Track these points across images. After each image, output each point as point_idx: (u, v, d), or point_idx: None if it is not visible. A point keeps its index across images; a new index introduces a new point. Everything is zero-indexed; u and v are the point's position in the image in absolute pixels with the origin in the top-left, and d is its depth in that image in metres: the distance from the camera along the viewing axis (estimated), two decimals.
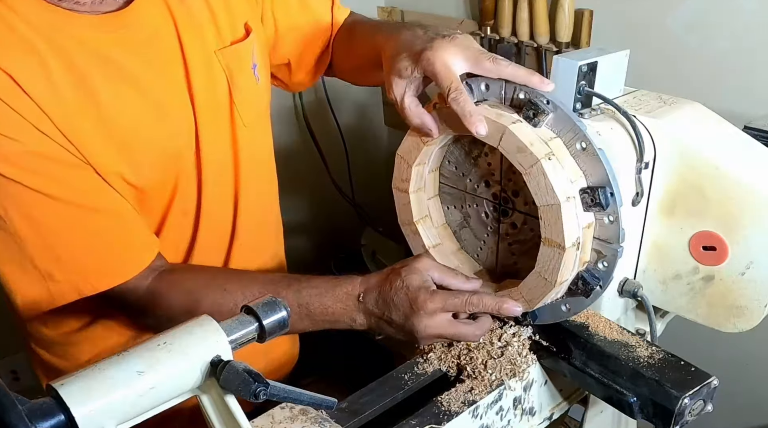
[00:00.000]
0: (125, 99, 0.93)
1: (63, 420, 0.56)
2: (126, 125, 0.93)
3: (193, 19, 1.01)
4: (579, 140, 0.80)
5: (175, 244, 1.07)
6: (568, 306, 0.88)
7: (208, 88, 1.03)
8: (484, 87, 0.85)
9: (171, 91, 0.99)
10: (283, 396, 0.64)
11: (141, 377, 0.60)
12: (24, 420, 0.53)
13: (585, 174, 0.81)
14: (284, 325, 0.67)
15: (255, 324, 0.66)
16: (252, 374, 0.61)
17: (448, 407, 0.86)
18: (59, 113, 0.86)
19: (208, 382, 0.64)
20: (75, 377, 0.59)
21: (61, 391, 0.57)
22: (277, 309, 0.67)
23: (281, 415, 0.82)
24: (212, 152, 1.05)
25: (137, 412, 0.61)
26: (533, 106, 0.80)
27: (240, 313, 0.67)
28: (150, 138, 0.96)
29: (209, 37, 1.03)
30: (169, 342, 0.62)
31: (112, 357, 0.61)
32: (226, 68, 1.04)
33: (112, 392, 0.59)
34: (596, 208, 0.80)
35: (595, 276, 0.84)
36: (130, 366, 0.60)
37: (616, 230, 0.81)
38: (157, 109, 0.97)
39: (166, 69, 0.98)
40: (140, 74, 0.95)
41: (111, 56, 0.92)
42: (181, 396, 0.64)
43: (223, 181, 1.09)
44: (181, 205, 1.04)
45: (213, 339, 0.63)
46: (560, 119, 0.80)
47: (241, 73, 1.07)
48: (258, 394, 0.61)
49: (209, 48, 1.02)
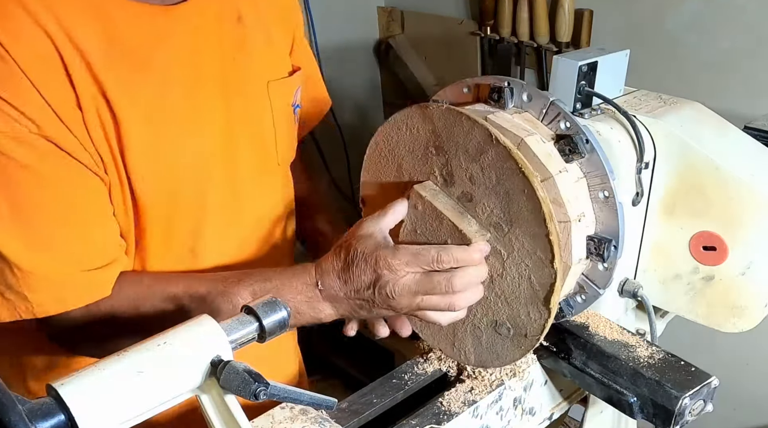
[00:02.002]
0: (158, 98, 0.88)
1: (63, 420, 0.56)
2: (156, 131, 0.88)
3: (246, 43, 0.96)
4: (605, 189, 0.79)
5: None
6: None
7: (250, 118, 0.98)
8: (526, 97, 0.82)
9: (204, 106, 0.93)
10: (283, 396, 0.63)
11: (141, 377, 0.60)
12: (24, 420, 0.53)
13: (597, 220, 0.81)
14: (284, 325, 0.67)
15: (255, 324, 0.66)
16: (252, 374, 0.61)
17: (448, 407, 0.86)
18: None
19: (208, 382, 0.63)
20: (75, 377, 0.58)
21: (61, 391, 0.57)
22: (277, 309, 0.67)
23: (281, 415, 0.82)
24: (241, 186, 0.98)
25: (137, 412, 0.61)
26: (572, 143, 0.78)
27: (240, 313, 0.67)
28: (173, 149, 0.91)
29: (263, 65, 0.99)
30: (169, 342, 0.62)
31: (111, 357, 0.60)
32: (271, 101, 1.00)
33: (112, 392, 0.58)
34: (597, 258, 0.80)
35: (570, 306, 0.87)
36: (130, 366, 0.60)
37: (607, 277, 0.82)
38: (187, 122, 0.91)
39: (206, 86, 0.93)
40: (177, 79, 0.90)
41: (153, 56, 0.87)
42: (181, 396, 0.63)
43: (233, 223, 1.00)
44: (187, 239, 0.97)
45: (213, 339, 0.63)
46: (593, 162, 0.79)
47: (283, 110, 1.03)
48: (258, 394, 0.61)
49: (262, 77, 0.99)
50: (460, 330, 0.85)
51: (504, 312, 0.80)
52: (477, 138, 0.76)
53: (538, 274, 0.75)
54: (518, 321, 0.79)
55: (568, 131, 0.79)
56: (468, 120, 0.76)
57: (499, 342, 0.82)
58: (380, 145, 0.87)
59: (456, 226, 0.78)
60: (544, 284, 0.75)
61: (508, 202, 0.75)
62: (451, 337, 0.86)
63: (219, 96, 0.94)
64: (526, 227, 0.74)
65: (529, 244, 0.74)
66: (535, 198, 0.72)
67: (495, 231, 0.77)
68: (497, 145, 0.74)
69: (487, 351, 0.83)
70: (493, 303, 0.80)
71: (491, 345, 0.83)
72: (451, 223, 0.78)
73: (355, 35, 2.49)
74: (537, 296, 0.76)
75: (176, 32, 0.89)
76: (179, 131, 0.90)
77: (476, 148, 0.76)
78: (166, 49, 0.88)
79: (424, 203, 0.81)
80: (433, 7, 2.30)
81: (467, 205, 0.79)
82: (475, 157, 0.77)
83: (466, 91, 0.88)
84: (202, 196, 0.95)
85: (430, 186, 0.82)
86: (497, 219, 0.77)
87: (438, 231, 0.80)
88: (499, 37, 2.07)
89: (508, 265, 0.77)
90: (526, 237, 0.75)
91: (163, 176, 0.90)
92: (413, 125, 0.82)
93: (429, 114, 0.80)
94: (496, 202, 0.76)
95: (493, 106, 0.83)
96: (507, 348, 0.81)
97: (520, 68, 2.08)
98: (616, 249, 0.79)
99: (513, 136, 0.78)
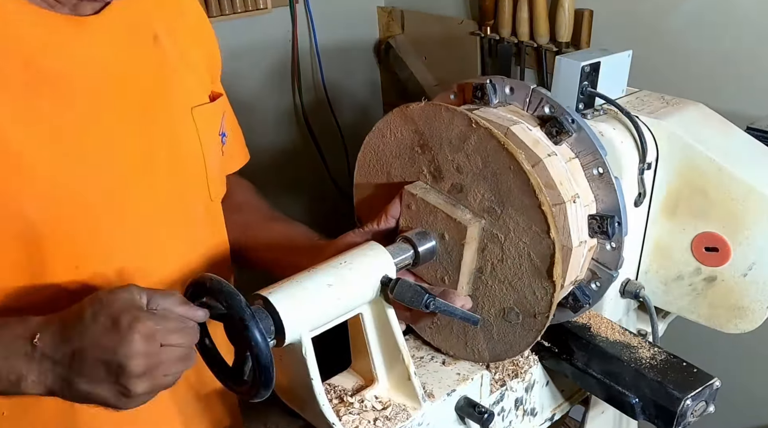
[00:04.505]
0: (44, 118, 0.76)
1: (270, 323, 0.67)
2: (35, 157, 0.75)
3: (165, 66, 0.87)
4: (597, 166, 0.79)
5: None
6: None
7: (175, 148, 0.87)
8: (508, 90, 0.84)
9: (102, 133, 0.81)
10: (443, 309, 0.75)
11: (330, 289, 0.71)
12: (253, 317, 0.63)
13: (596, 199, 0.81)
14: (434, 252, 0.80)
15: (411, 251, 0.79)
16: (423, 288, 0.73)
17: None
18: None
19: (377, 297, 0.75)
20: (279, 287, 0.69)
21: (271, 298, 0.67)
22: (429, 239, 0.80)
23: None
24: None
25: (325, 320, 0.72)
26: (558, 124, 0.79)
27: (398, 242, 0.80)
28: (56, 174, 0.78)
29: (184, 89, 0.89)
30: (349, 262, 0.74)
31: (303, 272, 0.72)
32: (198, 128, 0.90)
33: (308, 300, 0.69)
34: (602, 235, 0.80)
35: (586, 295, 0.85)
36: (322, 279, 0.71)
37: (616, 257, 0.82)
38: (76, 148, 0.79)
39: (120, 109, 0.82)
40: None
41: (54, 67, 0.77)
42: (356, 309, 0.75)
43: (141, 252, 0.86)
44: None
45: (383, 260, 0.76)
46: (582, 141, 0.80)
47: (211, 139, 0.93)
48: (428, 304, 0.72)
49: (185, 102, 0.89)
50: (471, 329, 0.85)
51: (510, 297, 0.80)
52: (458, 126, 0.77)
53: (536, 249, 0.75)
54: (525, 302, 0.79)
55: (553, 113, 0.80)
56: (447, 110, 0.78)
57: (510, 331, 0.81)
58: (368, 158, 0.88)
59: (450, 217, 0.79)
60: (545, 256, 0.75)
61: (497, 183, 0.76)
62: (463, 338, 0.86)
63: (136, 121, 0.84)
64: (517, 204, 0.75)
65: (523, 220, 0.75)
66: (522, 172, 0.73)
67: (489, 216, 0.78)
68: (477, 128, 0.75)
69: (500, 343, 0.83)
70: (498, 291, 0.80)
71: (503, 336, 0.82)
72: (445, 215, 0.79)
73: (355, 35, 2.49)
74: (539, 271, 0.76)
75: (84, 45, 0.79)
76: (83, 158, 0.79)
77: (459, 137, 0.77)
78: (72, 63, 0.78)
79: (416, 201, 0.81)
80: (433, 7, 2.30)
81: (458, 195, 0.80)
82: (459, 146, 0.78)
83: (453, 97, 0.89)
84: (106, 236, 0.82)
85: (421, 185, 0.83)
86: (489, 203, 0.77)
87: (434, 225, 0.81)
88: (499, 37, 2.07)
89: (507, 247, 0.78)
90: (519, 214, 0.75)
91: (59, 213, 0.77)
92: (396, 129, 0.84)
93: (409, 114, 0.81)
94: (485, 186, 0.77)
95: (478, 103, 0.85)
96: (519, 335, 0.81)
97: (520, 68, 2.08)
98: (620, 225, 0.79)
99: (498, 127, 0.78)
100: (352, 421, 0.77)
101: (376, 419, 0.78)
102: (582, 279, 0.85)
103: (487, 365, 0.88)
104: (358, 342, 0.80)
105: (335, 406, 0.79)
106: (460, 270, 0.80)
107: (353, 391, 0.82)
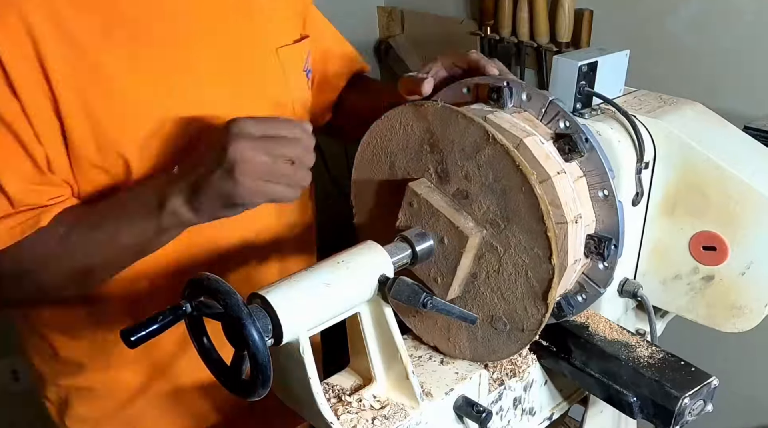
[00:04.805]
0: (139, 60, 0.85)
1: (268, 323, 0.67)
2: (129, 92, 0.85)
3: (251, 8, 0.94)
4: (604, 188, 0.79)
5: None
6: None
7: (261, 85, 0.95)
8: (525, 97, 0.82)
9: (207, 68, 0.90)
10: (441, 308, 0.74)
11: (328, 288, 0.71)
12: (250, 317, 0.63)
13: (597, 219, 0.80)
14: (431, 253, 0.79)
15: (409, 251, 0.78)
16: (420, 286, 0.72)
17: None
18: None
19: (375, 297, 0.75)
20: (276, 286, 0.69)
21: (269, 297, 0.67)
22: (427, 240, 0.79)
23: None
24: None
25: (323, 319, 0.72)
26: (571, 142, 0.78)
27: (395, 241, 0.79)
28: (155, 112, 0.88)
29: (270, 30, 0.96)
30: (346, 261, 0.73)
31: (301, 272, 0.72)
32: (284, 68, 0.98)
33: (305, 299, 0.70)
34: (597, 256, 0.80)
35: (571, 305, 0.86)
36: (319, 279, 0.71)
37: (607, 276, 0.82)
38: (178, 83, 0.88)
39: (207, 47, 0.90)
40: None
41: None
42: (353, 308, 0.75)
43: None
44: None
45: (380, 259, 0.75)
46: (593, 161, 0.79)
47: (296, 77, 1.01)
48: (426, 303, 0.71)
49: (271, 43, 0.96)
50: (455, 326, 0.85)
51: (500, 307, 0.80)
52: (473, 136, 0.76)
53: (535, 270, 0.75)
54: (515, 316, 0.79)
55: (568, 130, 0.79)
56: (464, 118, 0.76)
57: (495, 337, 0.82)
58: (372, 143, 0.87)
59: (452, 223, 0.78)
60: (542, 280, 0.75)
61: (505, 200, 0.75)
62: (446, 333, 0.86)
63: (224, 62, 0.91)
64: (523, 224, 0.74)
65: (526, 241, 0.75)
66: (533, 195, 0.72)
67: (491, 227, 0.77)
68: (494, 143, 0.74)
69: (482, 347, 0.83)
70: (489, 298, 0.80)
71: (487, 341, 0.83)
72: (447, 219, 0.79)
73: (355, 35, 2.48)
74: (534, 292, 0.76)
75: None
76: (178, 99, 0.88)
77: (472, 146, 0.76)
78: (163, 11, 0.86)
79: (419, 200, 0.81)
80: (433, 7, 2.30)
81: (463, 201, 0.79)
82: (471, 155, 0.77)
83: (466, 91, 0.88)
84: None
85: (425, 183, 0.82)
86: (493, 216, 0.77)
87: (434, 227, 0.80)
88: (499, 37, 2.07)
89: (505, 261, 0.77)
90: (523, 233, 0.75)
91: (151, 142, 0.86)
92: (407, 123, 0.82)
93: (423, 112, 0.80)
94: (492, 199, 0.76)
95: (493, 105, 0.83)
96: (503, 343, 0.81)
97: (520, 68, 2.09)
98: (616, 248, 0.79)
99: (512, 137, 0.78)
100: (350, 420, 0.78)
101: (374, 418, 0.78)
102: (569, 291, 0.85)
103: (485, 364, 0.88)
104: (356, 342, 0.80)
105: (333, 405, 0.79)
106: (454, 275, 0.80)
107: (351, 390, 0.82)
